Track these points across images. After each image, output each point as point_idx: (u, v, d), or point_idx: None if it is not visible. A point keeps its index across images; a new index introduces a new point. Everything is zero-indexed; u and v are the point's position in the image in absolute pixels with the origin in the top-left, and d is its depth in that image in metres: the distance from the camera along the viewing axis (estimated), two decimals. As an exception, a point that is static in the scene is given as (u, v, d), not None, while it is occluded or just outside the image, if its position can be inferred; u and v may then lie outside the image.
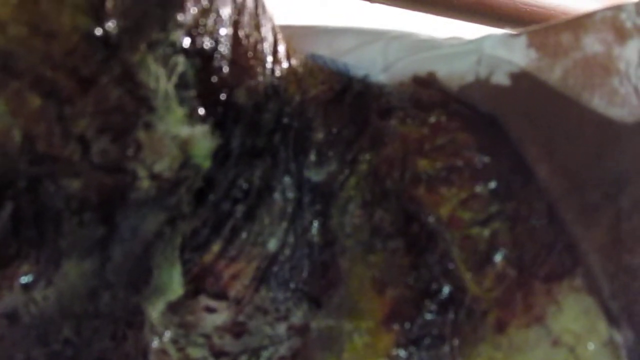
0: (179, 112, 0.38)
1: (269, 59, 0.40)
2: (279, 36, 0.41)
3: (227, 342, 0.40)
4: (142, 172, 0.38)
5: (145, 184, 0.38)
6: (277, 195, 0.41)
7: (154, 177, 0.38)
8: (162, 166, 0.38)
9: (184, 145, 0.38)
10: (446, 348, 0.38)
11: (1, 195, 0.36)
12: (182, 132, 0.38)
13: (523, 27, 0.46)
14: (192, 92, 0.38)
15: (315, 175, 0.42)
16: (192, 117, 0.38)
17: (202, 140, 0.39)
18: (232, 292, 0.40)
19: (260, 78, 0.40)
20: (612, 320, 0.37)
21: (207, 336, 0.40)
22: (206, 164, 0.39)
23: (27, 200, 0.37)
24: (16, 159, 0.36)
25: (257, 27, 0.40)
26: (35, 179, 0.37)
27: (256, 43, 0.40)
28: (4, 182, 0.36)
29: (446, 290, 0.39)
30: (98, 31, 0.35)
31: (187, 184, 0.39)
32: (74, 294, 0.39)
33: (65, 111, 0.36)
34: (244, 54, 0.39)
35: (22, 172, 0.36)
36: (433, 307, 0.39)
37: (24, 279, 0.38)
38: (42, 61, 0.35)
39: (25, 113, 0.35)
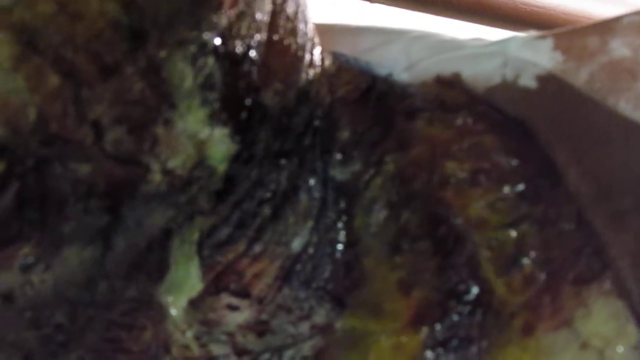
0: (200, 112, 0.37)
1: (303, 62, 0.40)
2: (316, 39, 0.41)
3: (250, 341, 0.40)
4: (155, 166, 0.37)
5: (157, 178, 0.38)
6: (302, 195, 0.41)
7: (166, 172, 0.38)
8: (176, 163, 0.38)
9: (201, 146, 0.38)
10: (474, 350, 0.38)
11: (8, 173, 0.36)
12: (200, 133, 0.38)
13: (523, 27, 0.46)
14: (217, 95, 0.37)
15: (340, 175, 0.42)
16: (213, 119, 0.38)
17: (219, 143, 0.38)
18: (255, 291, 0.40)
19: (292, 82, 0.40)
20: None
21: (229, 334, 0.40)
22: (222, 166, 0.39)
23: (34, 180, 0.36)
24: (27, 137, 0.35)
25: (294, 31, 0.39)
26: (45, 159, 0.36)
27: (290, 47, 0.39)
28: (12, 159, 0.36)
29: (474, 292, 0.39)
30: (126, 20, 0.35)
31: (201, 184, 0.38)
32: (72, 280, 0.38)
33: (82, 94, 0.36)
34: (277, 58, 0.39)
35: (32, 151, 0.36)
36: (460, 309, 0.39)
37: (23, 261, 0.37)
38: (65, 41, 0.35)
39: (43, 91, 0.35)
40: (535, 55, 0.42)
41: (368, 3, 0.75)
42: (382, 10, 0.77)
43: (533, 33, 0.44)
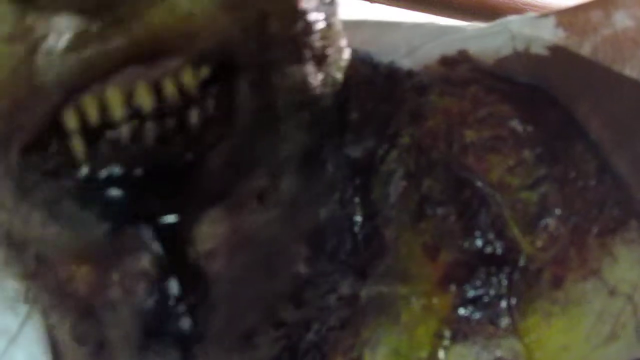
0: None
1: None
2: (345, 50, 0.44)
3: (289, 313, 0.41)
4: None
5: None
6: (327, 168, 0.43)
7: None
8: None
9: None
10: (503, 305, 0.41)
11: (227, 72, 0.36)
12: None
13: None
14: None
15: (353, 152, 0.44)
16: None
17: None
18: None
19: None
20: None
21: None
22: None
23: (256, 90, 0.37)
24: (241, 41, 0.36)
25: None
26: (263, 65, 0.37)
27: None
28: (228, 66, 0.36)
29: (500, 251, 0.41)
30: None
31: None
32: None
33: None
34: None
35: (252, 54, 0.37)
36: (488, 268, 0.41)
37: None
38: None
39: None
40: (539, 32, 0.46)
41: (368, 3, 0.78)
42: (382, 10, 0.81)
43: (532, 13, 0.47)
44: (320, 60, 0.41)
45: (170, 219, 0.37)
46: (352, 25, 0.47)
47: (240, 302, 0.39)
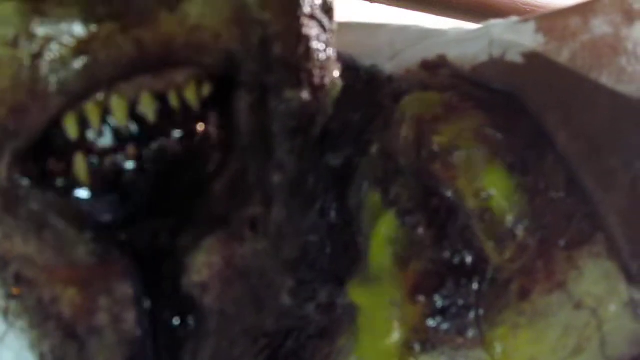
0: None
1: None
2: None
3: (269, 324, 0.42)
4: None
5: None
6: (309, 179, 0.43)
7: None
8: None
9: None
10: (471, 316, 0.41)
11: (227, 92, 0.37)
12: None
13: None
14: None
15: (333, 160, 0.44)
16: None
17: None
18: None
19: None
20: (632, 280, 0.39)
21: None
22: None
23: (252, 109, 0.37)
24: (252, 59, 0.36)
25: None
26: (264, 87, 0.37)
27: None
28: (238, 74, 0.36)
29: (469, 261, 0.41)
30: None
31: None
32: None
33: None
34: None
35: (254, 75, 0.37)
36: (457, 278, 0.41)
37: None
38: None
39: (275, 6, 0.37)
40: (519, 37, 0.45)
41: (368, 3, 0.78)
42: (382, 10, 0.81)
43: (514, 18, 0.47)
44: (316, 88, 0.41)
45: (167, 245, 0.37)
46: (337, 27, 0.47)
47: (229, 334, 0.39)
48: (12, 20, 0.32)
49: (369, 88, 0.47)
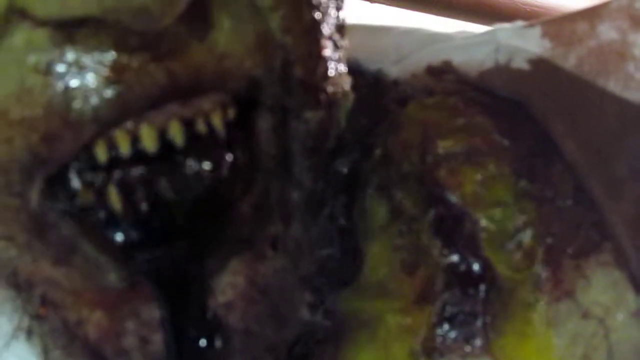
0: None
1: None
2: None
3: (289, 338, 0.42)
4: None
5: None
6: (305, 194, 0.43)
7: None
8: None
9: None
10: (478, 324, 0.41)
11: (250, 115, 0.37)
12: None
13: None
14: None
15: (340, 166, 0.44)
16: None
17: None
18: None
19: None
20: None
21: None
22: None
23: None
24: (274, 82, 0.37)
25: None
26: (284, 109, 0.38)
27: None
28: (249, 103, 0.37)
29: (476, 268, 0.41)
30: None
31: None
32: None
33: None
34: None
35: (276, 98, 0.37)
36: (464, 285, 0.41)
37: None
38: None
39: (297, 30, 0.37)
40: (525, 43, 0.45)
41: (368, 3, 0.78)
42: (382, 10, 0.80)
43: (520, 22, 0.47)
44: (331, 105, 0.41)
45: (193, 268, 0.37)
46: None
47: (253, 352, 0.39)
48: (45, 47, 0.32)
49: (374, 92, 0.47)
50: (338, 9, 0.42)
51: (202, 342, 0.38)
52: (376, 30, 0.52)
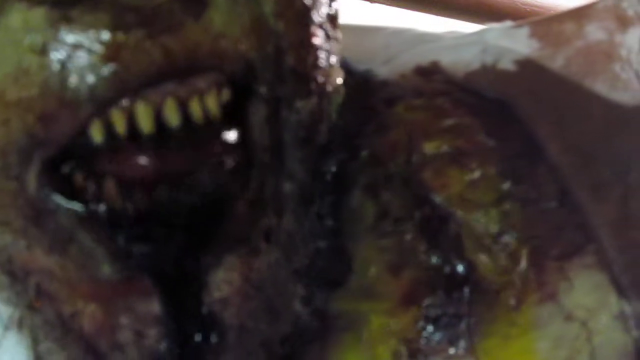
0: None
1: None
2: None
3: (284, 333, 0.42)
4: None
5: None
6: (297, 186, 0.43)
7: None
8: None
9: None
10: (462, 326, 0.41)
11: (244, 104, 0.37)
12: None
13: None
14: None
15: (328, 165, 0.44)
16: None
17: None
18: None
19: None
20: (622, 293, 0.39)
21: None
22: None
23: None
24: (266, 69, 0.37)
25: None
26: (275, 98, 0.38)
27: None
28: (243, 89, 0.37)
29: (460, 270, 0.41)
30: None
31: None
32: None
33: None
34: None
35: (266, 84, 0.37)
36: (449, 287, 0.41)
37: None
38: None
39: (289, 16, 0.37)
40: (513, 43, 0.45)
41: (368, 3, 0.78)
42: (382, 10, 0.80)
43: (509, 23, 0.47)
44: (322, 96, 0.41)
45: (190, 264, 0.37)
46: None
47: (248, 347, 0.40)
48: (41, 27, 0.32)
49: (362, 93, 0.47)
50: None
51: (198, 337, 0.38)
52: (365, 30, 0.52)
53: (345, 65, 0.48)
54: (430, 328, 0.41)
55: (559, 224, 0.41)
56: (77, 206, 0.36)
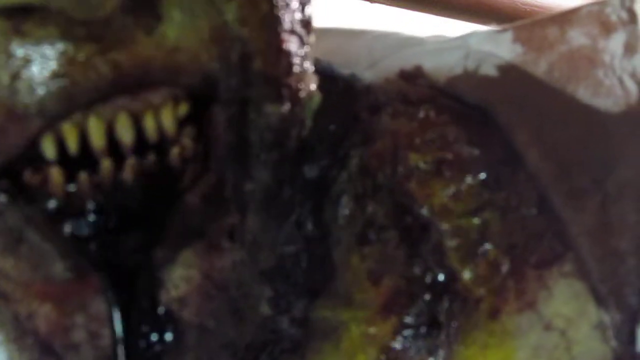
0: None
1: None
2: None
3: (248, 337, 0.42)
4: None
5: None
6: (285, 190, 0.43)
7: None
8: None
9: None
10: (442, 335, 0.41)
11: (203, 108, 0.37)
12: None
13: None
14: None
15: (309, 172, 0.44)
16: None
17: None
18: None
19: None
20: (601, 302, 0.39)
21: None
22: None
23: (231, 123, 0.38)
24: (232, 74, 0.37)
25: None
26: (243, 101, 0.38)
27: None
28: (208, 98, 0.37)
29: (440, 279, 0.41)
30: None
31: None
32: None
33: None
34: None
35: (234, 90, 0.37)
36: (428, 296, 0.41)
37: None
38: None
39: (253, 22, 0.37)
40: (496, 48, 0.45)
41: (368, 3, 0.78)
42: (382, 10, 0.80)
43: (494, 27, 0.46)
44: (294, 102, 0.41)
45: (143, 259, 0.37)
46: (317, 34, 0.46)
47: (208, 349, 0.40)
48: None
49: (346, 98, 0.47)
50: (303, 4, 0.41)
51: (153, 337, 0.38)
52: (349, 34, 0.52)
53: (329, 70, 0.48)
54: (409, 337, 0.41)
55: (539, 232, 0.41)
56: (22, 205, 0.36)
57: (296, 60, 0.40)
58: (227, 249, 0.39)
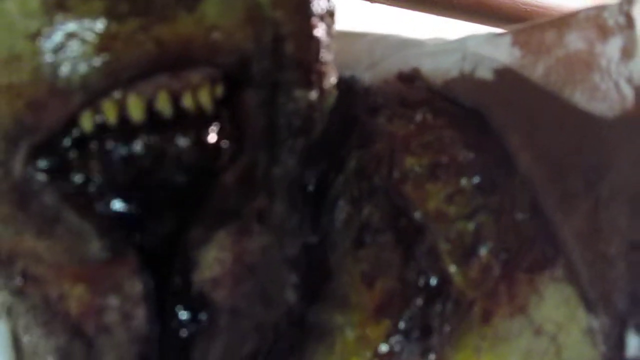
0: None
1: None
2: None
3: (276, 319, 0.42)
4: None
5: None
6: (286, 173, 0.43)
7: None
8: None
9: None
10: (434, 339, 0.41)
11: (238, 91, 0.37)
12: None
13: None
14: None
15: (309, 175, 0.44)
16: None
17: None
18: None
19: None
20: (591, 307, 0.39)
21: None
22: None
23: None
24: (264, 57, 0.37)
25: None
26: (274, 84, 0.38)
27: None
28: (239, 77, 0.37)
29: (434, 282, 0.42)
30: None
31: None
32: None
33: None
34: None
35: (264, 72, 0.37)
36: (421, 299, 0.41)
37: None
38: None
39: (287, 5, 0.37)
40: (494, 51, 0.45)
41: (368, 3, 0.78)
42: (382, 10, 0.80)
43: (492, 30, 0.46)
44: (321, 90, 0.42)
45: (178, 240, 0.37)
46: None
47: (239, 331, 0.40)
48: (37, 13, 0.32)
49: (346, 100, 0.47)
50: None
51: (187, 318, 0.38)
52: (349, 36, 0.52)
53: None
54: (402, 341, 0.41)
55: (531, 236, 0.41)
56: (60, 184, 0.36)
57: (324, 47, 0.41)
58: (257, 232, 0.39)
